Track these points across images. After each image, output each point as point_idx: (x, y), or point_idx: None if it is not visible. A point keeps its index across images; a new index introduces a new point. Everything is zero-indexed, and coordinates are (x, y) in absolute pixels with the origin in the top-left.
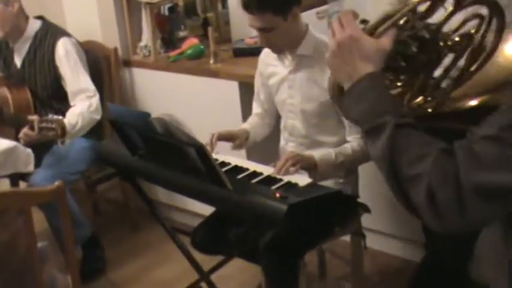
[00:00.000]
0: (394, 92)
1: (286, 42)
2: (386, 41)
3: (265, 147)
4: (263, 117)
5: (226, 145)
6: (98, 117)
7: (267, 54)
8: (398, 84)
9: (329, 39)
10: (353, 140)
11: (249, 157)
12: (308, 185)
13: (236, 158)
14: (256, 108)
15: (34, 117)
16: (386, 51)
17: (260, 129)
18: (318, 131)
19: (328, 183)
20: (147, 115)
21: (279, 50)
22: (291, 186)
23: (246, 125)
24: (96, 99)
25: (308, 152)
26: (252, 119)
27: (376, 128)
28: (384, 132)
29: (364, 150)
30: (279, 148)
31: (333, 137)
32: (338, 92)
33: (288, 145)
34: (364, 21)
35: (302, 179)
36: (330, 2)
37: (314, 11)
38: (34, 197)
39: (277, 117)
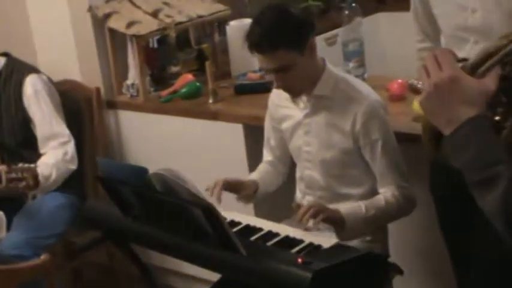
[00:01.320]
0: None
1: (305, 82)
2: (490, 81)
3: (277, 200)
4: (275, 165)
5: (229, 197)
6: (74, 167)
7: (278, 94)
8: (496, 118)
9: (422, 80)
10: (386, 191)
11: (257, 212)
12: (333, 247)
13: (244, 215)
14: (266, 155)
15: (1, 167)
16: (491, 92)
17: (272, 178)
18: (340, 182)
19: (354, 241)
20: (143, 171)
21: (299, 93)
22: (314, 248)
23: (254, 175)
24: (71, 146)
25: (330, 207)
26: (262, 167)
27: (488, 180)
28: (498, 184)
29: (400, 202)
30: (294, 202)
31: (357, 188)
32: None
33: (305, 198)
34: (462, 60)
35: (326, 239)
36: (344, 26)
37: (323, 36)
38: (15, 275)
39: (292, 164)
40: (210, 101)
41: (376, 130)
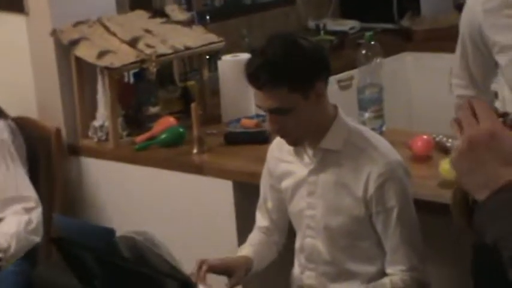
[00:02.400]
0: None
1: (307, 131)
2: None
3: (268, 276)
4: (270, 233)
5: (216, 278)
6: (37, 239)
7: (279, 145)
8: None
9: (456, 134)
10: (395, 273)
11: None
12: None
13: None
14: (261, 220)
15: None
16: None
17: (266, 251)
18: (348, 256)
19: None
20: (110, 233)
21: (295, 141)
22: None
23: (246, 249)
24: (37, 214)
25: (335, 286)
26: (255, 238)
27: None
28: None
29: (409, 285)
30: (290, 278)
31: (368, 265)
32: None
33: (304, 274)
34: (504, 115)
35: None
36: (361, 67)
37: (335, 78)
38: None
39: (290, 233)
40: (195, 150)
41: (393, 196)
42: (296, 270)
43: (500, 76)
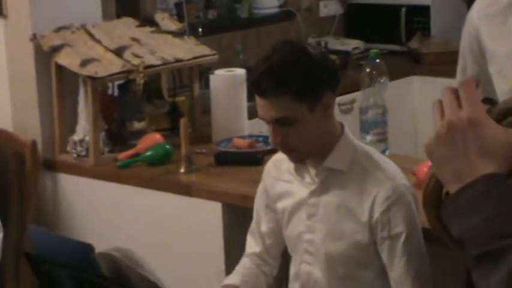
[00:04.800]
0: None
1: (311, 146)
2: None
3: None
4: (261, 261)
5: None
6: None
7: (277, 164)
8: None
9: (434, 119)
10: None
11: None
12: None
13: None
14: (252, 246)
15: None
16: None
17: (256, 281)
18: (347, 287)
19: None
20: (88, 249)
21: (299, 157)
22: None
23: (234, 278)
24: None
25: None
26: (244, 266)
27: (496, 253)
28: (509, 260)
29: None
30: None
31: None
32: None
33: None
34: (488, 101)
35: None
36: (363, 89)
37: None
38: None
39: (285, 261)
40: (182, 170)
41: (400, 222)
42: None
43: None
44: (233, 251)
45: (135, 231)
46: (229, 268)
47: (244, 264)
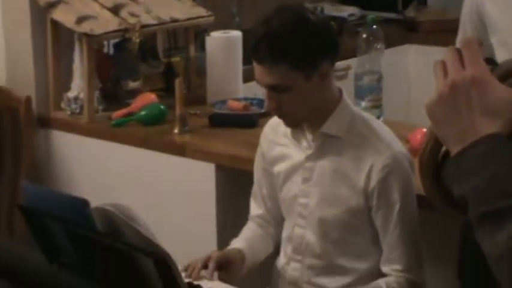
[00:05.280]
0: None
1: (306, 112)
2: None
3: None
4: (266, 223)
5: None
6: None
7: (274, 127)
8: None
9: (436, 78)
10: (390, 273)
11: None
12: None
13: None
14: (255, 209)
15: None
16: None
17: (262, 245)
18: (339, 250)
19: None
20: (83, 204)
21: (294, 122)
22: None
23: (239, 243)
24: None
25: (321, 281)
26: (249, 231)
27: (499, 213)
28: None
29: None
30: (273, 268)
31: (360, 262)
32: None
33: (290, 266)
34: (490, 62)
35: None
36: (360, 55)
37: None
38: None
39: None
40: (176, 130)
41: (396, 190)
42: (281, 260)
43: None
44: (225, 211)
45: (128, 189)
46: (220, 227)
47: (250, 227)
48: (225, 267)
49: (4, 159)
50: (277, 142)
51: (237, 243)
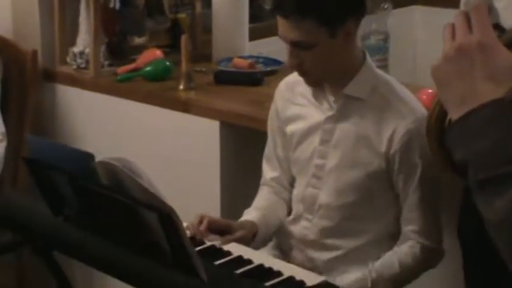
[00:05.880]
0: None
1: (328, 72)
2: None
3: None
4: (282, 187)
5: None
6: None
7: (290, 86)
8: None
9: (444, 41)
10: (408, 234)
11: None
12: (319, 285)
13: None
14: (269, 171)
15: None
16: None
17: (276, 212)
18: (353, 212)
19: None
20: (88, 157)
21: (315, 81)
22: (294, 284)
23: (252, 214)
24: (1, 148)
25: (331, 241)
26: (262, 199)
27: (501, 179)
28: None
29: (419, 259)
30: (281, 226)
31: (374, 225)
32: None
33: (300, 224)
34: (498, 28)
35: (310, 275)
36: (366, 15)
37: None
38: None
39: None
40: (181, 87)
41: (418, 154)
42: (290, 218)
43: None
44: (229, 168)
45: (133, 144)
46: (224, 184)
47: (263, 195)
48: (224, 232)
49: (10, 112)
50: (294, 101)
51: (249, 215)
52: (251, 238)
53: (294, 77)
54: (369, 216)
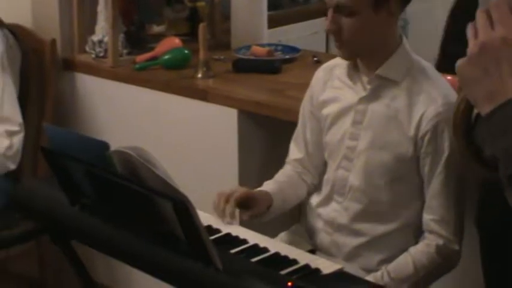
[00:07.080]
0: None
1: (365, 46)
2: None
3: None
4: (304, 169)
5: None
6: (13, 166)
7: (328, 69)
8: None
9: (469, 39)
10: (428, 224)
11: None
12: (335, 274)
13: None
14: (295, 152)
15: None
16: None
17: (292, 191)
18: (383, 197)
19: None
20: (104, 146)
21: (350, 54)
22: (310, 272)
23: (269, 185)
24: (19, 139)
25: (359, 226)
26: (283, 174)
27: None
28: None
29: (436, 259)
30: (307, 207)
31: (402, 210)
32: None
33: (329, 206)
34: None
35: (326, 263)
36: None
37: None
38: None
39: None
40: (200, 75)
41: (446, 139)
42: (318, 200)
43: None
44: (247, 156)
45: (150, 132)
46: (242, 173)
47: (285, 172)
48: (249, 206)
49: (29, 101)
50: (331, 84)
51: (267, 186)
52: (266, 210)
53: (333, 61)
54: (396, 203)
